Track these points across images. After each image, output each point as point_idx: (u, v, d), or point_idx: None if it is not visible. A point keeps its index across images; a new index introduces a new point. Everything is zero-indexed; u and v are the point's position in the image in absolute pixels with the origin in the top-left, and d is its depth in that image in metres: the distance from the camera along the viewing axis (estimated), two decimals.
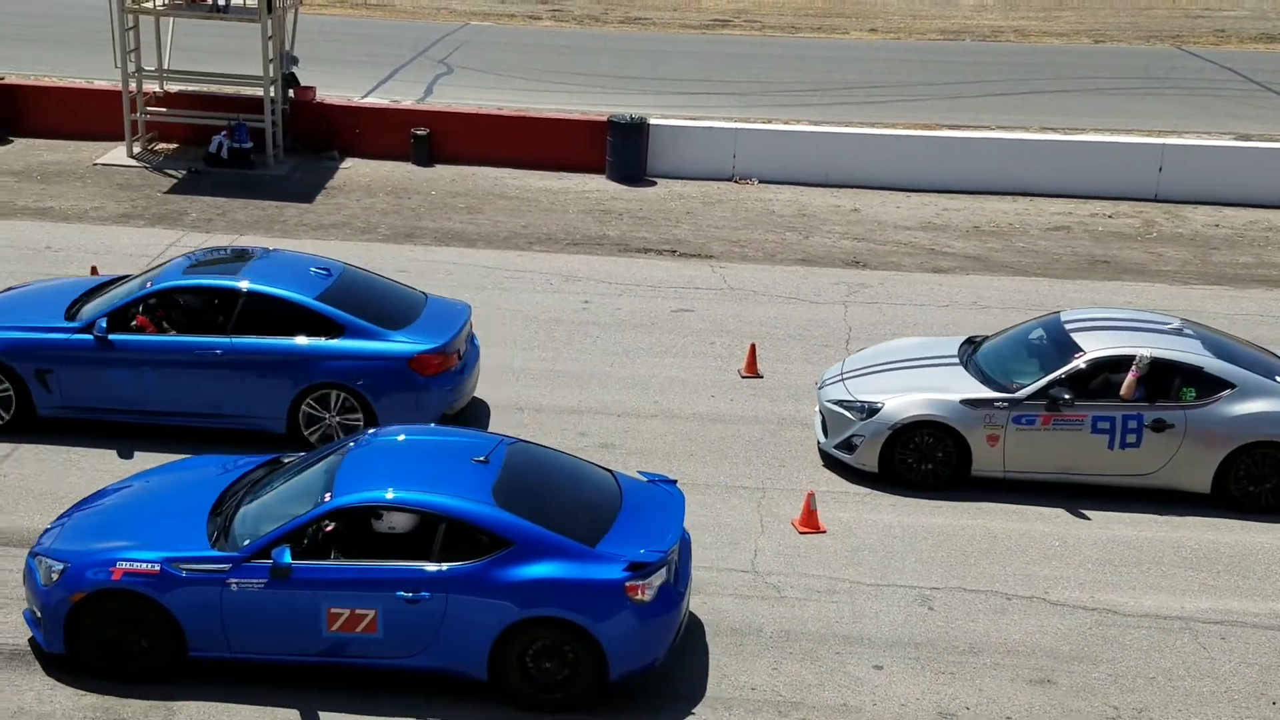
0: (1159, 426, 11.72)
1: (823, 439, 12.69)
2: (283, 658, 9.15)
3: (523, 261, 17.63)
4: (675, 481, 10.40)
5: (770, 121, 23.91)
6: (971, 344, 13.17)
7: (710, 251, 18.51)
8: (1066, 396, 11.77)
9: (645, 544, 9.16)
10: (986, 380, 12.26)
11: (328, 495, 9.18)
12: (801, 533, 11.53)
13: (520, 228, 19.06)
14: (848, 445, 12.33)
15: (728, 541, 11.36)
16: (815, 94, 27.43)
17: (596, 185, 21.18)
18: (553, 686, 9.03)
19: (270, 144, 20.98)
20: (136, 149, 21.03)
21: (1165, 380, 11.84)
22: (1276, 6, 40.04)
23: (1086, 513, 11.81)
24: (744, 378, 14.54)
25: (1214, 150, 21.94)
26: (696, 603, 10.48)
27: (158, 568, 8.99)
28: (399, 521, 9.26)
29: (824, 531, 11.55)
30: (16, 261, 16.54)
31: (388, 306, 12.67)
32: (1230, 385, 11.81)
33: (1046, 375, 11.95)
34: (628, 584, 8.87)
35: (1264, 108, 27.06)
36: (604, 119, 21.73)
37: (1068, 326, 12.57)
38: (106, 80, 21.75)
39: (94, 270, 14.96)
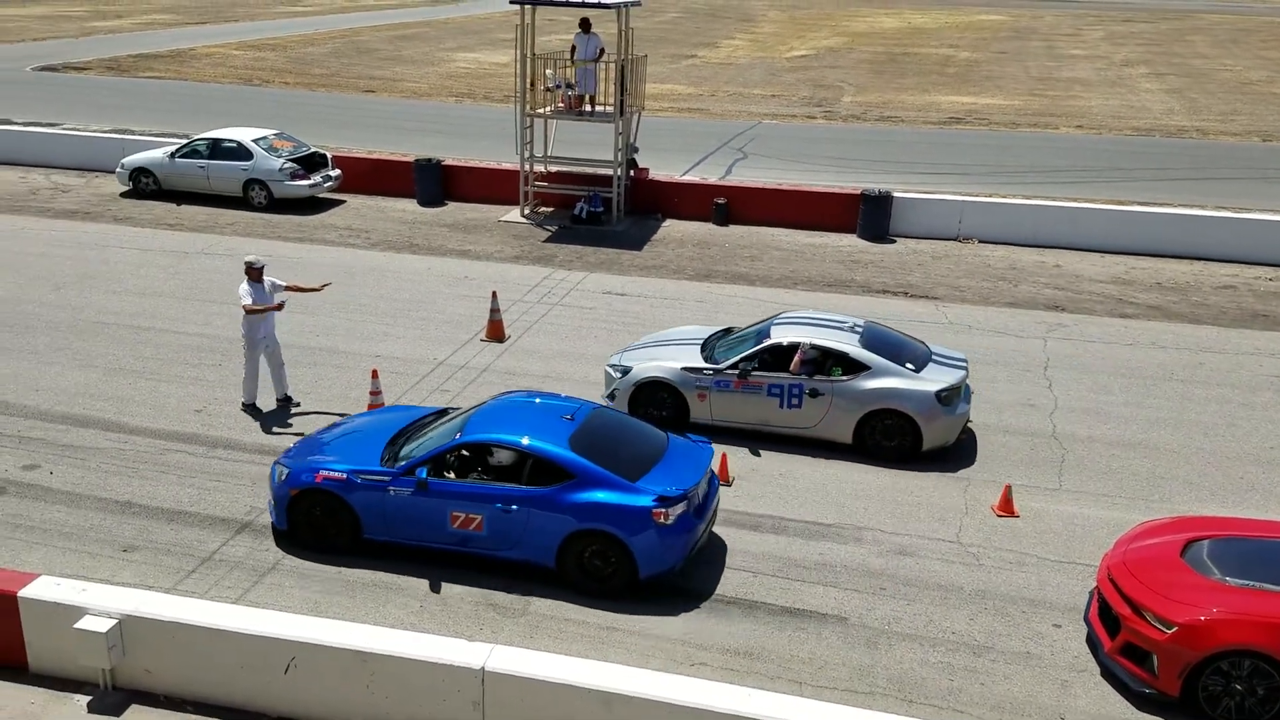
0: (814, 393, 11.91)
1: (604, 391, 12.84)
2: (422, 544, 9.84)
3: (789, 297, 17.33)
4: (709, 440, 10.66)
5: (991, 195, 22.70)
6: (727, 333, 13.33)
7: (935, 294, 17.72)
8: (749, 368, 11.97)
9: (673, 483, 9.46)
10: (709, 357, 12.50)
11: (459, 435, 9.88)
12: (999, 516, 10.86)
13: (789, 272, 18.82)
14: (610, 396, 12.59)
15: (937, 518, 10.83)
16: (1029, 175, 25.91)
17: (849, 242, 20.67)
18: (600, 579, 9.46)
19: (615, 209, 21.53)
20: (526, 211, 21.97)
21: (823, 361, 12.02)
22: None
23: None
24: None
25: None
26: (909, 564, 10.08)
27: (345, 476, 9.86)
28: (504, 456, 9.76)
29: (1018, 516, 10.85)
30: (447, 285, 17.64)
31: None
32: (867, 367, 11.87)
33: (741, 354, 12.13)
34: (654, 510, 9.23)
35: None
36: (858, 192, 21.19)
37: (773, 323, 12.74)
38: (509, 163, 22.91)
39: (494, 295, 15.62)
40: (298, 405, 12.97)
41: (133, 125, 28.99)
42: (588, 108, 21.56)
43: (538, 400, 10.61)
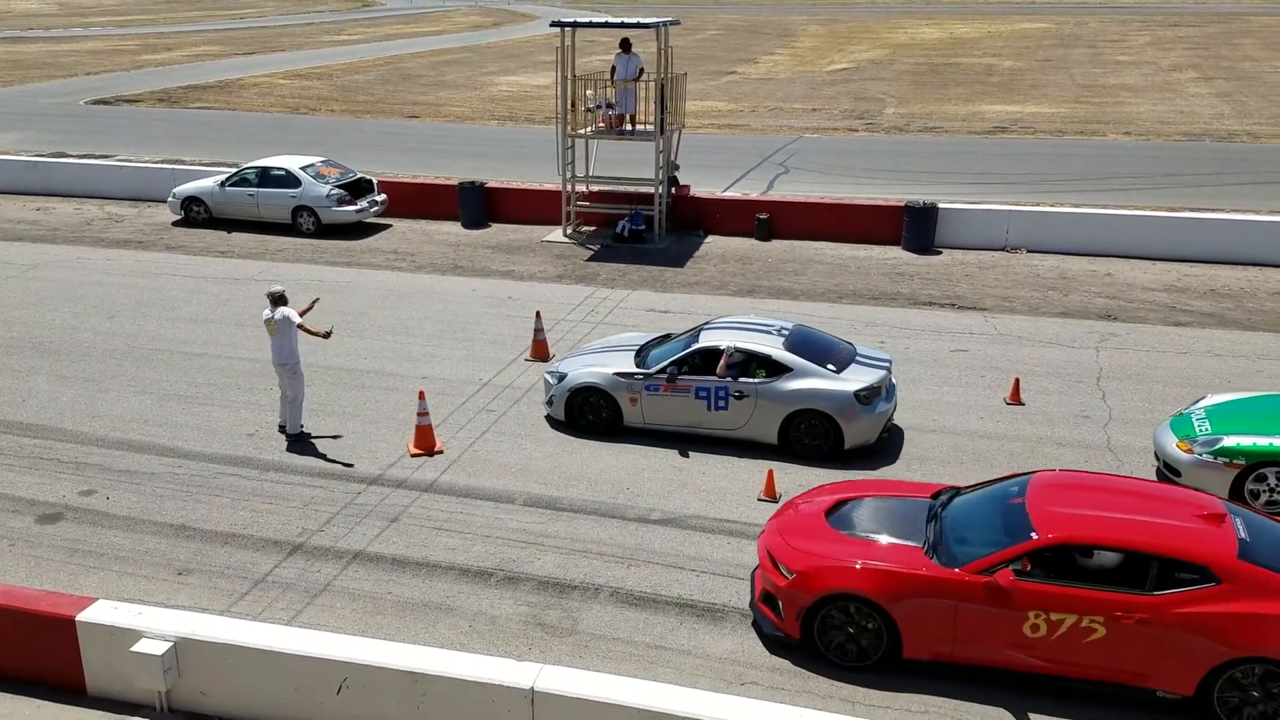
0: (739, 395, 12.14)
1: (544, 398, 13.30)
2: None
3: (833, 311, 17.25)
4: None
5: (1038, 204, 22.42)
6: (665, 339, 13.52)
7: (984, 305, 17.51)
8: (676, 372, 12.27)
9: None
10: (640, 362, 12.75)
11: None
12: None
13: (832, 285, 18.71)
14: (549, 402, 13.03)
15: None
16: (1076, 183, 25.57)
17: (893, 254, 20.52)
18: None
19: (657, 226, 21.59)
20: (568, 230, 22.12)
21: (748, 364, 12.24)
22: None
23: None
24: (1008, 405, 13.63)
25: None
26: None
27: None
28: None
29: None
30: (491, 305, 17.78)
31: None
32: (789, 369, 12.10)
33: (671, 358, 12.45)
34: None
35: None
36: (901, 204, 21.06)
37: (704, 327, 13.04)
38: (551, 183, 23.08)
39: (538, 314, 15.74)
40: (292, 438, 12.90)
41: (183, 155, 29.67)
42: (628, 127, 21.69)
43: None
